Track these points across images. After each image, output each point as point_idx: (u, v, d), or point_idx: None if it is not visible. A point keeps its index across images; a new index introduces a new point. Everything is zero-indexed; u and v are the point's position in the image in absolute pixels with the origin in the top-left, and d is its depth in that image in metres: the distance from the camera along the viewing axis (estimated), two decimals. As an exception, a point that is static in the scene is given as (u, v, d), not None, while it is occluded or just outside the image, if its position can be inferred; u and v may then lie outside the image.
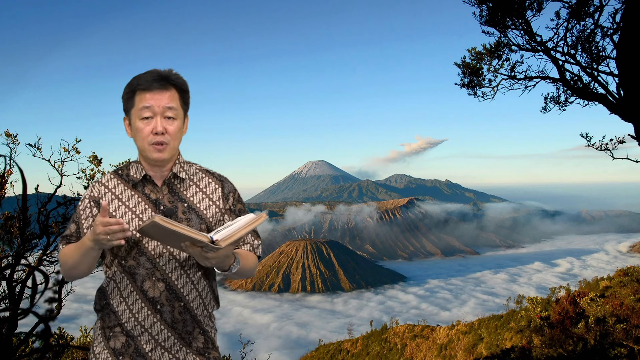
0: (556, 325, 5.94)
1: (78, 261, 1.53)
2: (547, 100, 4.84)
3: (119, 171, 1.70)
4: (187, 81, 1.66)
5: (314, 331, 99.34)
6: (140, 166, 1.65)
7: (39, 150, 3.25)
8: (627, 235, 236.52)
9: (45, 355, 3.22)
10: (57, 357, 3.50)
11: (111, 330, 1.63)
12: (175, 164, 1.67)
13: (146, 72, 1.58)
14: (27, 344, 3.29)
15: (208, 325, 1.70)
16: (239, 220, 1.42)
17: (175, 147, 1.63)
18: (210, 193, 1.69)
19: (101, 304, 1.67)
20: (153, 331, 1.59)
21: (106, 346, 1.62)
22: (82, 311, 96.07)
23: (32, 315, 2.80)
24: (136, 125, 1.58)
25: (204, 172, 1.73)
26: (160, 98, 1.56)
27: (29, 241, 3.11)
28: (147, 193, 1.64)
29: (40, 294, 2.88)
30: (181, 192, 1.66)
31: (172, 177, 1.66)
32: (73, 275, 1.60)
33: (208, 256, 1.39)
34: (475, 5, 4.55)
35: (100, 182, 1.68)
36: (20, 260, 3.04)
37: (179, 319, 1.61)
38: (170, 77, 1.58)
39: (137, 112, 1.57)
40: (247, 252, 1.68)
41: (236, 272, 1.56)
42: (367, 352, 26.30)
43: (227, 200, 1.71)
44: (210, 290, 1.71)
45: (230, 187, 1.74)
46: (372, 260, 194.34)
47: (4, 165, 3.05)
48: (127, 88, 1.59)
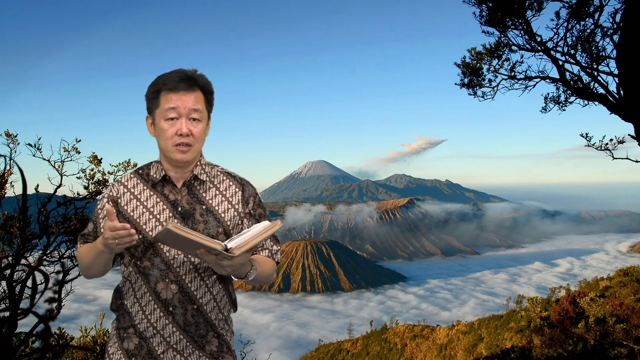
0: (556, 325, 5.94)
1: (92, 262, 1.55)
2: (547, 100, 4.84)
3: (139, 170, 1.69)
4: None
5: (314, 331, 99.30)
6: (160, 166, 1.64)
7: (39, 150, 3.25)
8: (627, 235, 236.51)
9: (45, 355, 3.22)
10: (57, 357, 3.50)
11: (125, 331, 1.63)
12: (196, 165, 1.65)
13: (172, 71, 1.57)
14: (27, 344, 3.28)
15: (223, 329, 1.68)
16: (253, 227, 1.41)
17: (198, 149, 1.61)
18: (230, 196, 1.66)
19: (117, 304, 1.67)
20: (165, 333, 1.58)
21: (120, 347, 1.62)
22: (82, 311, 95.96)
23: (32, 315, 2.79)
24: (160, 126, 1.56)
25: (225, 175, 1.71)
26: (187, 99, 1.54)
27: (29, 241, 3.11)
28: (166, 194, 1.62)
29: (40, 294, 2.88)
30: (200, 194, 1.64)
31: (192, 179, 1.65)
32: (89, 274, 1.63)
33: (223, 264, 1.38)
34: (475, 5, 4.55)
35: (119, 182, 1.67)
36: (20, 260, 3.04)
37: (191, 321, 1.60)
38: (196, 78, 1.56)
39: (162, 112, 1.55)
40: (265, 258, 1.66)
41: (253, 279, 1.53)
42: (367, 352, 26.28)
43: (247, 204, 1.68)
44: (226, 294, 1.68)
45: (251, 191, 1.70)
46: (372, 260, 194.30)
47: (4, 165, 3.05)
48: (151, 87, 1.57)
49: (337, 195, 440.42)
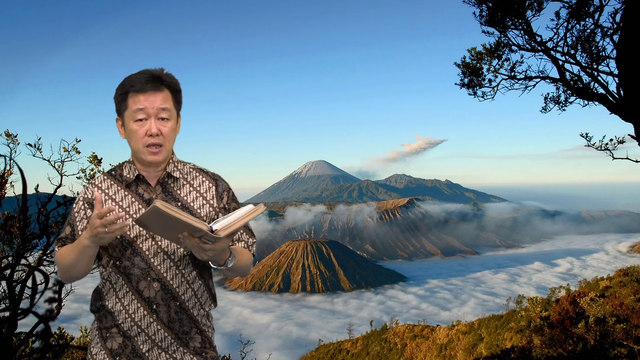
0: (556, 325, 5.94)
1: (75, 260, 1.53)
2: (547, 100, 4.84)
3: (112, 172, 1.70)
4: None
5: (314, 331, 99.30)
6: (133, 166, 1.65)
7: (39, 150, 3.25)
8: (627, 235, 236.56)
9: (45, 355, 3.22)
10: (57, 357, 3.50)
11: (108, 330, 1.63)
12: (169, 163, 1.67)
13: (138, 72, 1.57)
14: (27, 344, 3.29)
15: (205, 325, 1.70)
16: (237, 210, 1.41)
17: (169, 148, 1.62)
18: (204, 192, 1.68)
19: (97, 305, 1.67)
20: (150, 331, 1.60)
21: (103, 347, 1.63)
22: (82, 311, 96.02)
23: (32, 315, 2.79)
24: (130, 127, 1.57)
25: (197, 171, 1.72)
26: (154, 100, 1.55)
27: (29, 241, 3.11)
28: (141, 193, 1.63)
29: (40, 294, 2.88)
30: (175, 192, 1.65)
31: (165, 177, 1.66)
32: (70, 275, 1.59)
33: (206, 247, 1.38)
34: (475, 5, 4.55)
35: (93, 184, 1.68)
36: (20, 260, 3.04)
37: (175, 318, 1.61)
38: (162, 77, 1.57)
39: (130, 114, 1.56)
40: (242, 249, 1.68)
41: (231, 268, 1.55)
42: (367, 352, 26.29)
43: (222, 199, 1.70)
44: (206, 289, 1.70)
45: (224, 185, 1.73)
46: (372, 260, 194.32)
47: (4, 165, 3.05)
48: (119, 90, 1.58)
49: (337, 195, 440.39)
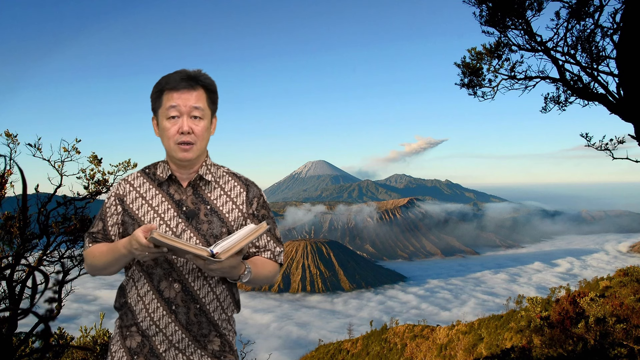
0: (556, 325, 5.94)
1: (109, 264, 1.55)
2: (547, 100, 4.84)
3: (146, 170, 1.71)
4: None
5: (314, 331, 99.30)
6: (167, 166, 1.66)
7: (39, 150, 3.25)
8: (627, 235, 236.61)
9: (45, 355, 3.22)
10: (57, 357, 3.50)
11: (128, 329, 1.64)
12: (202, 165, 1.67)
13: (175, 71, 1.59)
14: (27, 344, 3.29)
15: (226, 329, 1.69)
16: (239, 232, 1.42)
17: (202, 147, 1.62)
18: (234, 197, 1.68)
19: (120, 302, 1.68)
20: (167, 332, 1.59)
21: (122, 345, 1.63)
22: (82, 311, 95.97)
23: (32, 315, 2.79)
24: (163, 125, 1.58)
25: (230, 175, 1.72)
26: (188, 97, 1.56)
27: (29, 241, 3.11)
28: (172, 193, 1.64)
29: (40, 294, 2.87)
30: (205, 194, 1.65)
31: (197, 179, 1.66)
32: (100, 274, 1.63)
33: (211, 268, 1.39)
34: (475, 5, 4.55)
35: (126, 180, 1.69)
36: (20, 260, 3.04)
37: (194, 321, 1.61)
38: (198, 76, 1.58)
39: (164, 111, 1.57)
40: (265, 259, 1.67)
41: (250, 281, 1.55)
42: (367, 352, 26.28)
43: (251, 204, 1.69)
44: (229, 294, 1.69)
45: (255, 191, 1.71)
46: (372, 260, 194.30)
47: (4, 165, 3.05)
48: (155, 87, 1.60)
49: (337, 195, 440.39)
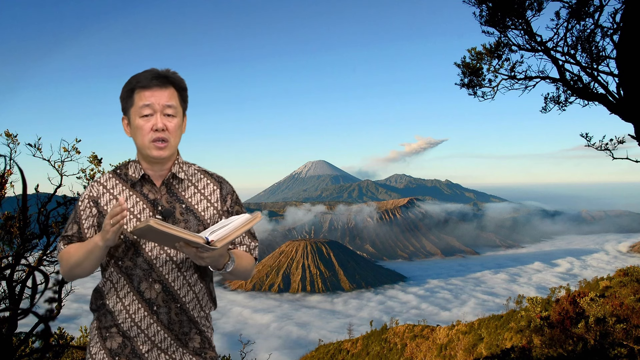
0: (556, 325, 5.94)
1: (82, 259, 1.53)
2: (547, 100, 4.84)
3: (117, 170, 1.70)
4: (188, 81, 1.67)
5: (314, 331, 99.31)
6: (139, 165, 1.65)
7: (39, 150, 3.25)
8: (627, 235, 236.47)
9: (45, 355, 3.22)
10: (57, 357, 3.50)
11: (107, 330, 1.63)
12: (174, 163, 1.67)
13: (144, 71, 1.59)
14: (27, 344, 3.29)
15: (205, 326, 1.71)
16: (234, 220, 1.42)
17: (175, 145, 1.63)
18: (208, 194, 1.69)
19: (97, 304, 1.67)
20: (149, 332, 1.60)
21: (102, 346, 1.62)
22: (82, 311, 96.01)
23: (32, 315, 2.79)
24: (136, 123, 1.58)
25: (202, 173, 1.73)
26: (160, 95, 1.56)
27: (29, 241, 3.11)
28: (146, 193, 1.63)
29: (40, 294, 2.88)
30: (179, 193, 1.66)
31: (170, 177, 1.66)
32: (75, 273, 1.59)
33: (203, 256, 1.40)
34: (475, 5, 4.55)
35: (98, 182, 1.68)
36: (20, 260, 3.04)
37: (175, 320, 1.62)
38: (168, 75, 1.59)
39: (136, 110, 1.57)
40: (243, 252, 1.69)
41: (231, 272, 1.56)
42: (367, 352, 26.29)
43: (225, 201, 1.71)
44: (207, 292, 1.71)
45: (228, 188, 1.73)
46: (372, 260, 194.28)
47: (4, 165, 3.05)
48: (125, 87, 1.60)
49: (337, 195, 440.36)
